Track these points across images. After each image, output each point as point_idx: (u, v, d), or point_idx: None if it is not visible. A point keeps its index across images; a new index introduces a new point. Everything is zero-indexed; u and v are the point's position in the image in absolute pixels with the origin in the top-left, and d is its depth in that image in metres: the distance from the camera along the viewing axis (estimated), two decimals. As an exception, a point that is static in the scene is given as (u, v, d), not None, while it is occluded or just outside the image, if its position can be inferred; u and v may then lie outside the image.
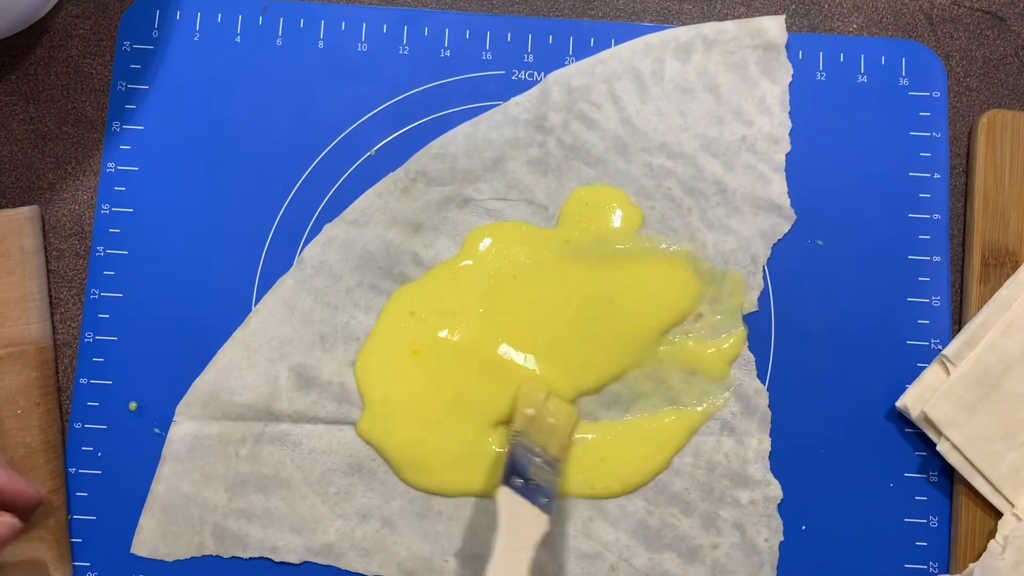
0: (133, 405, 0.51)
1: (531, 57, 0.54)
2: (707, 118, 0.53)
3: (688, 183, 0.53)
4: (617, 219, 0.52)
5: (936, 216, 0.53)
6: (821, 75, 0.54)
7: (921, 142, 0.54)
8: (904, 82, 0.54)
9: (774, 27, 0.54)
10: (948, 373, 0.50)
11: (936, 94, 0.54)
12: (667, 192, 0.52)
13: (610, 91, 0.53)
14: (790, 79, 0.54)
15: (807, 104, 0.54)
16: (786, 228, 0.52)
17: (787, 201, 0.53)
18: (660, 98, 0.53)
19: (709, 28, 0.54)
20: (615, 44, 0.54)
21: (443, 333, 0.51)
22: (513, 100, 0.53)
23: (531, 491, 0.44)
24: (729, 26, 0.54)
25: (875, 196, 0.53)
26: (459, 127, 0.53)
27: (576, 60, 0.54)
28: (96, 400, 0.51)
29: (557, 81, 0.53)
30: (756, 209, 0.52)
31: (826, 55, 0.55)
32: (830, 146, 0.54)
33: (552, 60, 0.54)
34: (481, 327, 0.51)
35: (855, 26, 0.56)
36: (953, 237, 0.53)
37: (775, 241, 0.52)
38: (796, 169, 0.53)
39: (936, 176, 0.53)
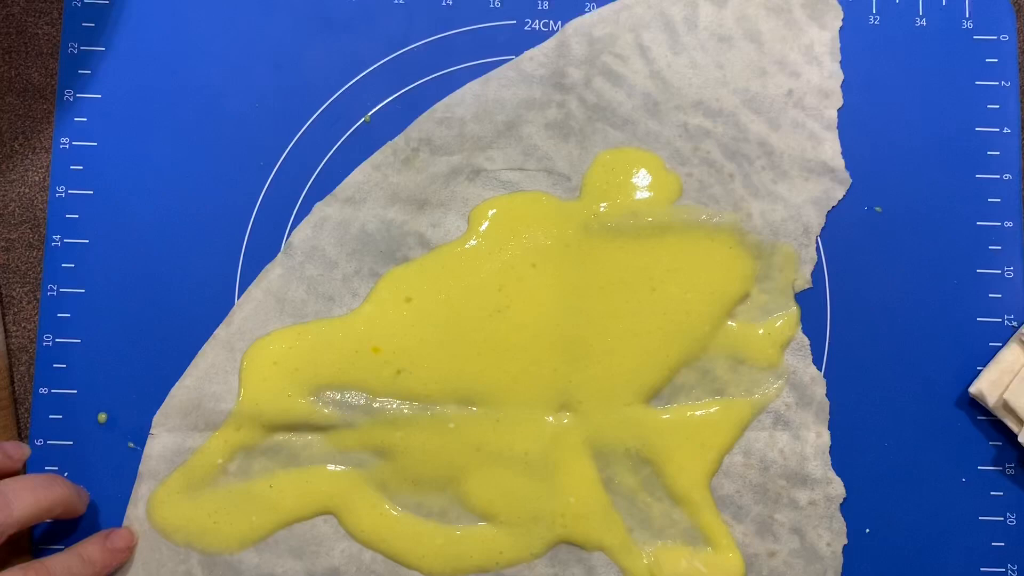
0: (102, 417, 0.45)
1: (546, 4, 0.48)
2: (748, 70, 0.47)
3: (729, 145, 0.46)
4: (650, 188, 0.46)
5: (1007, 176, 0.48)
6: (875, 19, 0.49)
7: (989, 92, 0.48)
8: (968, 25, 0.49)
9: None
10: (1029, 354, 0.44)
11: (1005, 37, 0.49)
12: (705, 156, 0.46)
13: (637, 41, 0.47)
14: (840, 24, 0.48)
15: (859, 52, 0.48)
16: (841, 193, 0.47)
17: (841, 163, 0.47)
18: (694, 48, 0.47)
19: None
20: (641, -13, 0.48)
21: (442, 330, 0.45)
22: (527, 54, 0.47)
23: None
24: None
25: (938, 155, 0.48)
26: (467, 86, 0.47)
27: (597, 6, 0.48)
28: (59, 412, 0.45)
29: (576, 31, 0.47)
30: (807, 173, 0.47)
31: (880, -4, 0.49)
32: (886, 100, 0.48)
33: (570, 7, 0.48)
34: (490, 326, 0.45)
35: (912, -39, 0.50)
36: (1027, 199, 0.48)
37: (829, 208, 0.47)
38: (848, 127, 0.48)
39: (1006, 131, 0.48)
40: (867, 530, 0.45)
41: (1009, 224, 0.47)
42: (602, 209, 0.46)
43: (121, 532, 0.43)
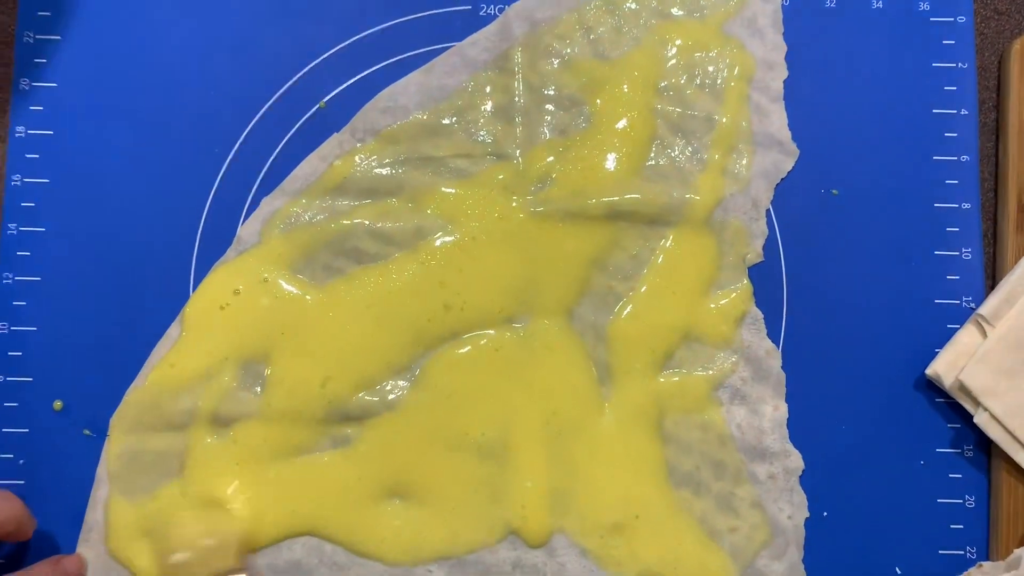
0: (58, 404, 0.45)
1: (501, -11, 0.48)
2: (692, 45, 0.47)
3: (675, 121, 0.46)
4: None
5: (964, 158, 0.47)
6: (831, 2, 0.48)
7: (946, 74, 0.48)
8: (925, 7, 0.48)
9: None
10: (984, 335, 0.44)
11: (961, 19, 0.48)
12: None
13: (580, 21, 0.47)
14: None
15: (816, 36, 0.48)
16: (789, 165, 0.47)
17: (788, 134, 0.47)
18: (637, 26, 0.47)
19: None
20: (596, -28, 0.48)
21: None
22: (470, 39, 0.47)
23: None
24: None
25: (895, 137, 0.47)
26: (410, 75, 0.46)
27: (551, -10, 0.48)
28: (15, 400, 0.45)
29: (519, 15, 0.47)
30: (754, 146, 0.46)
31: (837, -22, 0.48)
32: (843, 83, 0.48)
33: (525, -8, 0.48)
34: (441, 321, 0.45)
35: (868, -56, 0.49)
36: (984, 181, 0.48)
37: (778, 181, 0.47)
38: (806, 110, 0.47)
39: (963, 112, 0.48)
40: (824, 513, 0.45)
41: (967, 206, 0.47)
42: (549, 185, 0.45)
43: (72, 558, 0.43)
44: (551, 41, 0.47)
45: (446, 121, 0.46)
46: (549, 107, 0.46)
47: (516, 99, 0.46)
